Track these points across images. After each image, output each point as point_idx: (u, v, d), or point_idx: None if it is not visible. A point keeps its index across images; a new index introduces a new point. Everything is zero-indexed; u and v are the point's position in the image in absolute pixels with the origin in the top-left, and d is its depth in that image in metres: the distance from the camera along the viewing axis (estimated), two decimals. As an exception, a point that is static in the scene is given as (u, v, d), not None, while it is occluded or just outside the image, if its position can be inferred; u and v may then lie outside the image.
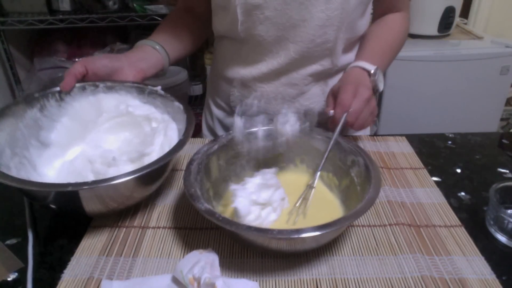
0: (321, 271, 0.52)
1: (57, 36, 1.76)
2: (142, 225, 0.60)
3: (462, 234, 0.58)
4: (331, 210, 0.61)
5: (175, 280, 0.50)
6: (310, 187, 0.61)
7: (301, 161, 0.68)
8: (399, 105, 1.77)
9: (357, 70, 0.74)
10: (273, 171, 0.62)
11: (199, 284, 0.46)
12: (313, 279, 0.51)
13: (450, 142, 0.81)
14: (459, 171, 0.72)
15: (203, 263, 0.48)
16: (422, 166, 0.73)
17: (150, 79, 0.77)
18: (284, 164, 0.68)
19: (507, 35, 2.06)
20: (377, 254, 0.54)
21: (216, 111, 0.90)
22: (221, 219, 0.48)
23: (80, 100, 0.70)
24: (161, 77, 0.81)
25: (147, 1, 1.65)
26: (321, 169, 0.62)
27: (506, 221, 0.56)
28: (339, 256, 0.54)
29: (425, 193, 0.66)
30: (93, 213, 0.59)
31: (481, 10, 2.11)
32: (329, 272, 0.52)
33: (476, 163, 0.75)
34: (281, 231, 0.47)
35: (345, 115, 0.64)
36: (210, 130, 0.94)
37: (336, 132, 0.63)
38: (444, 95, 1.75)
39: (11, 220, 0.62)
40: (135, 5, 1.62)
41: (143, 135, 0.68)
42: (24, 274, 0.52)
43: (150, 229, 0.59)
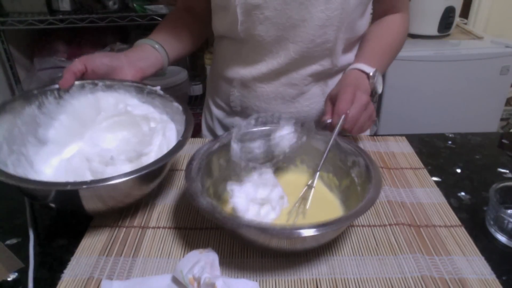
0: (321, 271, 0.52)
1: (57, 36, 1.77)
2: (142, 225, 0.60)
3: (462, 234, 0.58)
4: (331, 210, 0.61)
5: (175, 280, 0.50)
6: (309, 187, 0.61)
7: (301, 161, 0.68)
8: (399, 105, 1.77)
9: (356, 72, 0.74)
10: (270, 169, 0.62)
11: (199, 284, 0.46)
12: (313, 279, 0.51)
13: (450, 142, 0.81)
14: (459, 171, 0.72)
15: (203, 263, 0.48)
16: (422, 166, 0.73)
17: (150, 78, 0.77)
18: (284, 164, 0.68)
19: (507, 35, 2.06)
20: (377, 254, 0.54)
21: (215, 111, 0.90)
22: (221, 217, 0.48)
23: (78, 98, 0.70)
24: (160, 76, 0.81)
25: (147, 1, 1.65)
26: (321, 169, 0.62)
27: (506, 221, 0.56)
28: (339, 256, 0.54)
29: (425, 193, 0.66)
30: (92, 211, 0.59)
31: (481, 10, 2.11)
32: (329, 272, 0.52)
33: (476, 163, 0.75)
34: (282, 228, 0.47)
35: (343, 117, 0.64)
36: (210, 130, 0.94)
37: (335, 133, 0.63)
38: (444, 95, 1.75)
39: (11, 220, 0.62)
40: (135, 5, 1.62)
41: (141, 135, 0.68)
42: (24, 274, 0.52)
43: (150, 229, 0.59)
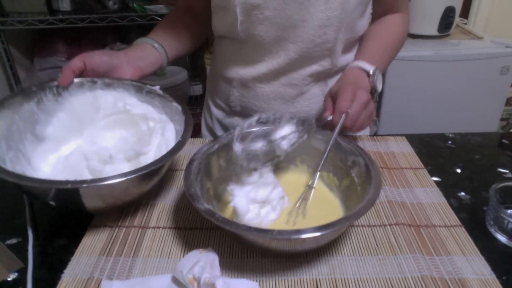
0: (321, 271, 0.52)
1: (57, 36, 1.77)
2: (142, 225, 0.60)
3: (462, 234, 0.58)
4: (331, 210, 0.61)
5: (175, 280, 0.50)
6: (309, 187, 0.61)
7: (302, 161, 0.68)
8: (399, 105, 1.77)
9: (356, 70, 0.74)
10: (269, 169, 0.62)
11: (199, 284, 0.46)
12: (313, 279, 0.51)
13: (450, 142, 0.81)
14: (459, 171, 0.72)
15: (203, 263, 0.48)
16: (422, 166, 0.73)
17: (150, 78, 0.77)
18: (284, 164, 0.68)
19: (507, 35, 2.05)
20: (377, 254, 0.54)
21: (215, 111, 0.90)
22: (221, 219, 0.48)
23: (77, 95, 0.69)
24: (161, 76, 0.81)
25: (147, 1, 1.65)
26: (322, 169, 0.62)
27: (506, 221, 0.56)
28: (339, 256, 0.54)
29: (425, 193, 0.66)
30: (90, 209, 0.59)
31: (481, 10, 2.11)
32: (329, 272, 0.52)
33: (476, 163, 0.75)
34: (280, 231, 0.47)
35: (343, 117, 0.64)
36: (210, 130, 0.94)
37: (335, 133, 0.63)
38: (444, 95, 1.75)
39: (11, 220, 0.62)
40: (135, 5, 1.62)
41: (139, 134, 0.68)
42: (24, 274, 0.52)
43: (150, 229, 0.59)
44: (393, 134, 0.83)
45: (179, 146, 0.59)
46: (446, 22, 1.78)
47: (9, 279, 0.51)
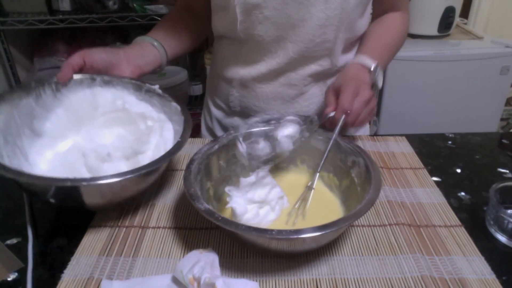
0: (321, 271, 0.52)
1: (57, 36, 1.77)
2: (142, 225, 0.60)
3: (462, 234, 0.58)
4: (331, 210, 0.61)
5: (175, 280, 0.50)
6: (309, 188, 0.61)
7: (302, 161, 0.68)
8: (399, 105, 1.77)
9: (357, 66, 0.73)
10: (267, 169, 0.62)
11: (199, 284, 0.46)
12: (313, 279, 0.51)
13: (450, 142, 0.81)
14: (459, 171, 0.72)
15: (203, 263, 0.48)
16: (422, 166, 0.73)
17: (150, 78, 0.77)
18: (284, 164, 0.68)
19: (507, 35, 2.06)
20: (377, 254, 0.54)
21: (215, 111, 0.90)
22: (220, 219, 0.48)
23: (76, 92, 0.69)
24: (159, 75, 0.81)
25: (147, 1, 1.65)
26: (322, 169, 0.62)
27: (506, 221, 0.56)
28: (339, 256, 0.54)
29: (425, 193, 0.66)
30: (90, 206, 0.60)
31: (481, 10, 2.11)
32: (329, 272, 0.52)
33: (476, 163, 0.75)
34: (280, 231, 0.47)
35: (343, 117, 0.64)
36: (209, 130, 0.94)
37: (335, 133, 0.63)
38: (444, 95, 1.75)
39: (11, 220, 0.62)
40: (135, 5, 1.62)
41: (137, 133, 0.67)
42: (24, 274, 0.52)
43: (150, 229, 0.59)
44: (393, 134, 0.83)
45: (178, 147, 0.59)
46: (446, 22, 1.78)
47: (9, 279, 0.51)
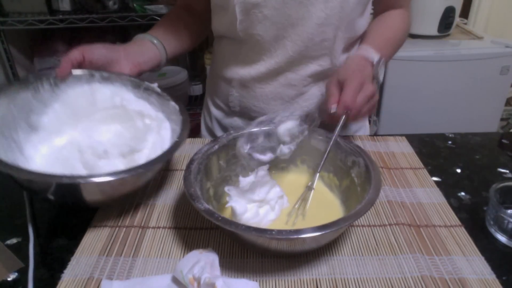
0: (321, 271, 0.52)
1: (57, 36, 1.76)
2: (142, 225, 0.60)
3: (462, 234, 0.58)
4: (331, 210, 0.61)
5: (175, 280, 0.50)
6: (309, 188, 0.61)
7: (302, 162, 0.68)
8: (399, 105, 1.77)
9: (360, 58, 0.72)
10: (266, 168, 0.62)
11: (199, 284, 0.46)
12: (313, 279, 0.51)
13: (450, 142, 0.81)
14: (459, 171, 0.72)
15: (203, 263, 0.48)
16: (422, 166, 0.73)
17: (149, 77, 0.77)
18: (284, 164, 0.68)
19: (507, 35, 2.06)
20: (377, 254, 0.54)
21: (214, 111, 0.90)
22: (220, 219, 0.48)
23: (74, 87, 0.69)
24: (159, 75, 0.81)
25: (147, 1, 1.65)
26: (322, 169, 0.62)
27: (506, 221, 0.56)
28: (339, 256, 0.54)
29: (425, 193, 0.66)
30: (90, 203, 0.60)
31: (481, 10, 2.11)
32: (329, 272, 0.52)
33: (476, 163, 0.75)
34: (280, 231, 0.47)
35: (343, 117, 0.64)
36: (209, 130, 0.94)
37: (336, 133, 0.63)
38: (444, 95, 1.75)
39: (11, 220, 0.62)
40: (135, 5, 1.62)
41: (134, 130, 0.67)
42: (24, 274, 0.52)
43: (150, 229, 0.59)
44: (393, 134, 0.83)
45: (176, 146, 0.59)
46: (446, 22, 1.78)
47: (9, 279, 0.51)
